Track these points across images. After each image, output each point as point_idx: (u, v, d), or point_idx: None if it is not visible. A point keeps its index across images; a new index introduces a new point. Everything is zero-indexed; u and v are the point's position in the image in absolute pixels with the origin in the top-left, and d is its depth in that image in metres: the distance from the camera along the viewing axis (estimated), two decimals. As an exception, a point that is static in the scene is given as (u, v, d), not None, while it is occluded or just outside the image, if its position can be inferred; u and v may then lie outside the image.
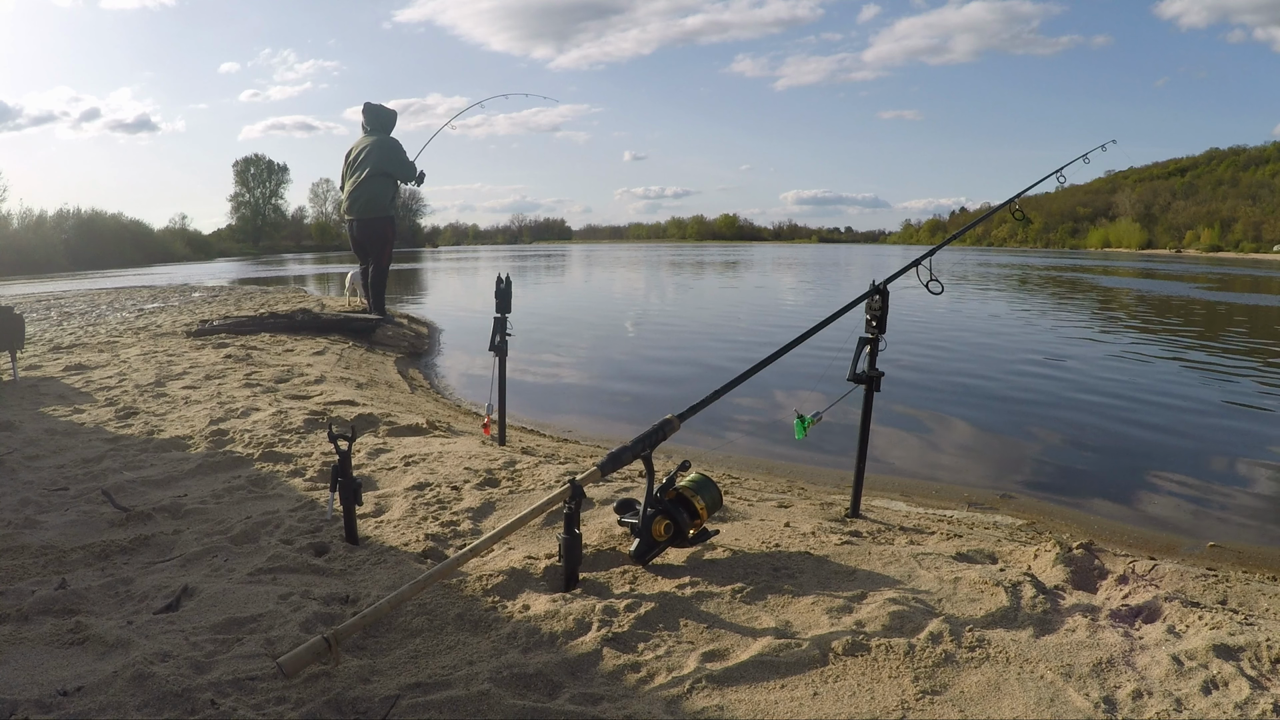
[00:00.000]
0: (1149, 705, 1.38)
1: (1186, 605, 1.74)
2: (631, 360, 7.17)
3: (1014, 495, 3.40)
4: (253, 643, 1.58)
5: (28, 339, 6.00)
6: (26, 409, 3.92)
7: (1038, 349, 7.66)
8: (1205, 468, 3.79)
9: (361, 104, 7.96)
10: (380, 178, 7.64)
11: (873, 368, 2.46)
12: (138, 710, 1.36)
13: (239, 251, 62.23)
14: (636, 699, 1.42)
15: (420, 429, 3.54)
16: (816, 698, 1.42)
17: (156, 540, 2.17)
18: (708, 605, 1.76)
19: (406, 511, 2.41)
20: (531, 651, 1.56)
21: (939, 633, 1.59)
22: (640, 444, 1.96)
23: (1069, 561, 2.00)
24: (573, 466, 2.94)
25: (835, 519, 2.51)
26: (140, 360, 5.43)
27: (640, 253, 52.30)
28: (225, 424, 3.54)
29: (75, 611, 1.73)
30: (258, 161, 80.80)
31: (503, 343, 3.45)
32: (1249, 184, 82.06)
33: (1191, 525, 3.09)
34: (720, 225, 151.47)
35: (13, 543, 2.13)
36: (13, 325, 4.69)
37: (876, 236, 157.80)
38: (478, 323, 9.41)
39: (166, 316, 8.80)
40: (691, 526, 1.99)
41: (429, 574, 1.63)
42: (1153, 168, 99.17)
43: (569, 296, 15.18)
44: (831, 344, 2.59)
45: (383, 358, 6.45)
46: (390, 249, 8.00)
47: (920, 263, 2.61)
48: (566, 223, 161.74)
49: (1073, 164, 3.08)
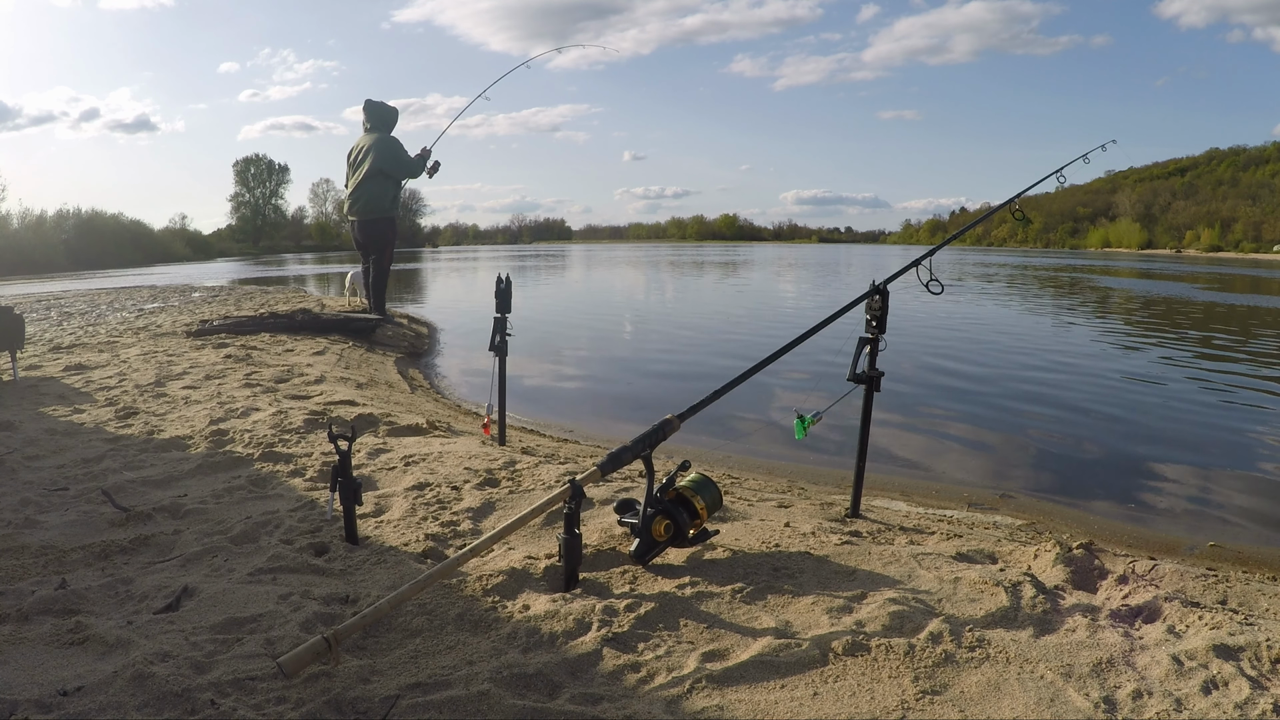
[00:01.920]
0: (1149, 705, 1.38)
1: (1186, 605, 1.74)
2: (631, 360, 7.17)
3: (1014, 495, 3.41)
4: (253, 643, 1.58)
5: (28, 339, 6.00)
6: (26, 409, 3.92)
7: (1038, 349, 7.66)
8: (1205, 468, 3.79)
9: (361, 104, 7.96)
10: (380, 177, 7.62)
11: (873, 368, 2.46)
12: (138, 710, 1.36)
13: (239, 251, 62.21)
14: (636, 699, 1.42)
15: (420, 429, 3.54)
16: (816, 698, 1.42)
17: (156, 540, 2.17)
18: (708, 605, 1.76)
19: (406, 511, 2.41)
20: (531, 651, 1.56)
21: (939, 633, 1.59)
22: (640, 444, 1.97)
23: (1069, 561, 2.00)
24: (573, 466, 2.94)
25: (835, 519, 2.51)
26: (140, 360, 5.43)
27: (640, 253, 52.30)
28: (225, 424, 3.54)
29: (75, 611, 1.73)
30: (258, 161, 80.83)
31: (503, 343, 3.45)
32: (1249, 184, 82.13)
33: (1191, 525, 3.09)
34: (720, 225, 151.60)
35: (13, 543, 2.13)
36: (13, 325, 4.69)
37: (876, 236, 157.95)
38: (478, 323, 9.41)
39: (166, 316, 8.80)
40: (691, 526, 1.99)
41: (429, 574, 1.63)
42: (1153, 168, 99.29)
43: (569, 297, 15.18)
44: (831, 344, 2.59)
45: (383, 358, 6.45)
46: (391, 249, 7.99)
47: (920, 263, 2.61)
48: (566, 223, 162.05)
49: (1073, 164, 3.08)
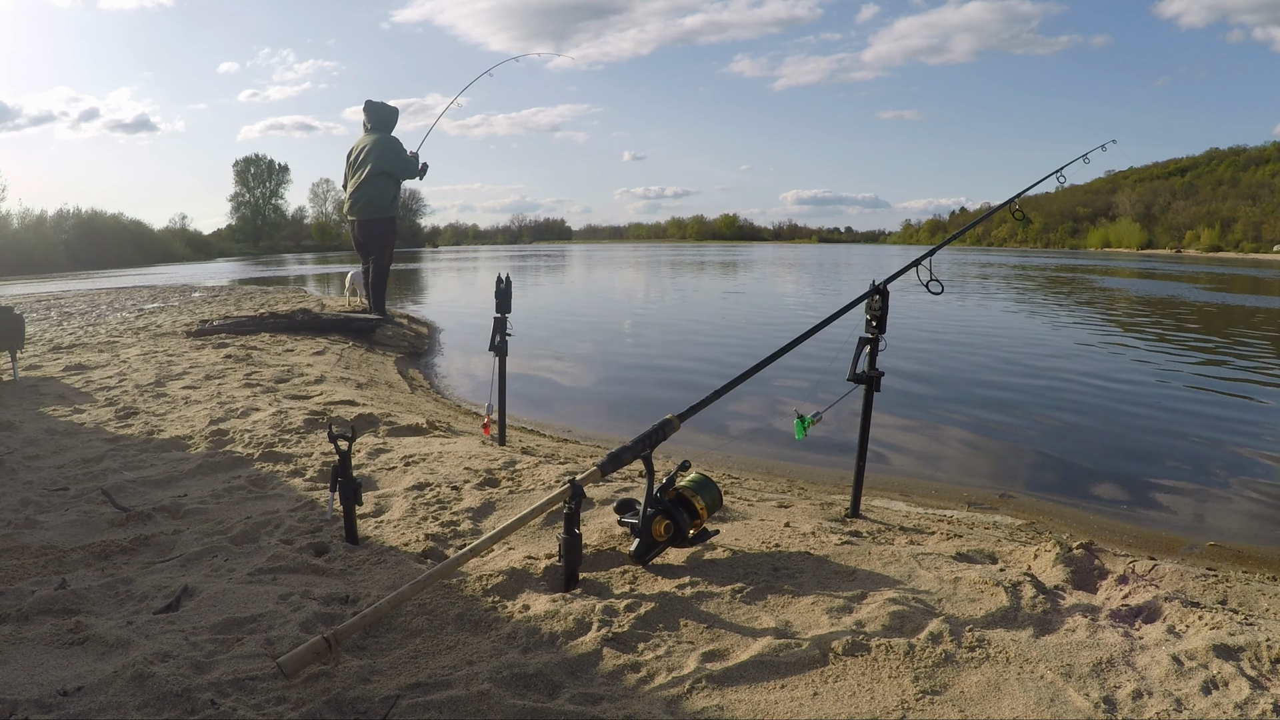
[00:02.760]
0: (1149, 705, 1.38)
1: (1186, 605, 1.74)
2: (631, 360, 7.17)
3: (1014, 495, 3.40)
4: (253, 643, 1.58)
5: (28, 339, 6.00)
6: (26, 409, 3.92)
7: (1037, 349, 7.66)
8: (1205, 468, 3.79)
9: (361, 104, 7.96)
10: (380, 177, 7.63)
11: (873, 368, 2.46)
12: (138, 710, 1.36)
13: (239, 251, 62.20)
14: (636, 699, 1.41)
15: (420, 429, 3.54)
16: (816, 698, 1.42)
17: (156, 540, 2.17)
18: (708, 605, 1.76)
19: (406, 511, 2.41)
20: (531, 651, 1.56)
21: (939, 633, 1.59)
22: (640, 444, 1.97)
23: (1069, 561, 2.00)
24: (573, 466, 2.94)
25: (835, 519, 2.51)
26: (140, 360, 5.43)
27: (640, 253, 52.30)
28: (225, 424, 3.54)
29: (75, 611, 1.73)
30: (258, 162, 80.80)
31: (503, 343, 3.46)
32: (1249, 184, 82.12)
33: (1191, 525, 3.09)
34: (720, 225, 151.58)
35: (13, 543, 2.13)
36: (13, 325, 4.69)
37: (876, 236, 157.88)
38: (478, 323, 9.41)
39: (166, 316, 8.80)
40: (691, 526, 1.99)
41: (429, 574, 1.63)
42: (1153, 168, 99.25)
43: (569, 297, 15.18)
44: (832, 344, 2.59)
45: (383, 358, 6.45)
46: (391, 249, 8.00)
47: (920, 263, 2.61)
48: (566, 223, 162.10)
49: (1073, 164, 3.08)
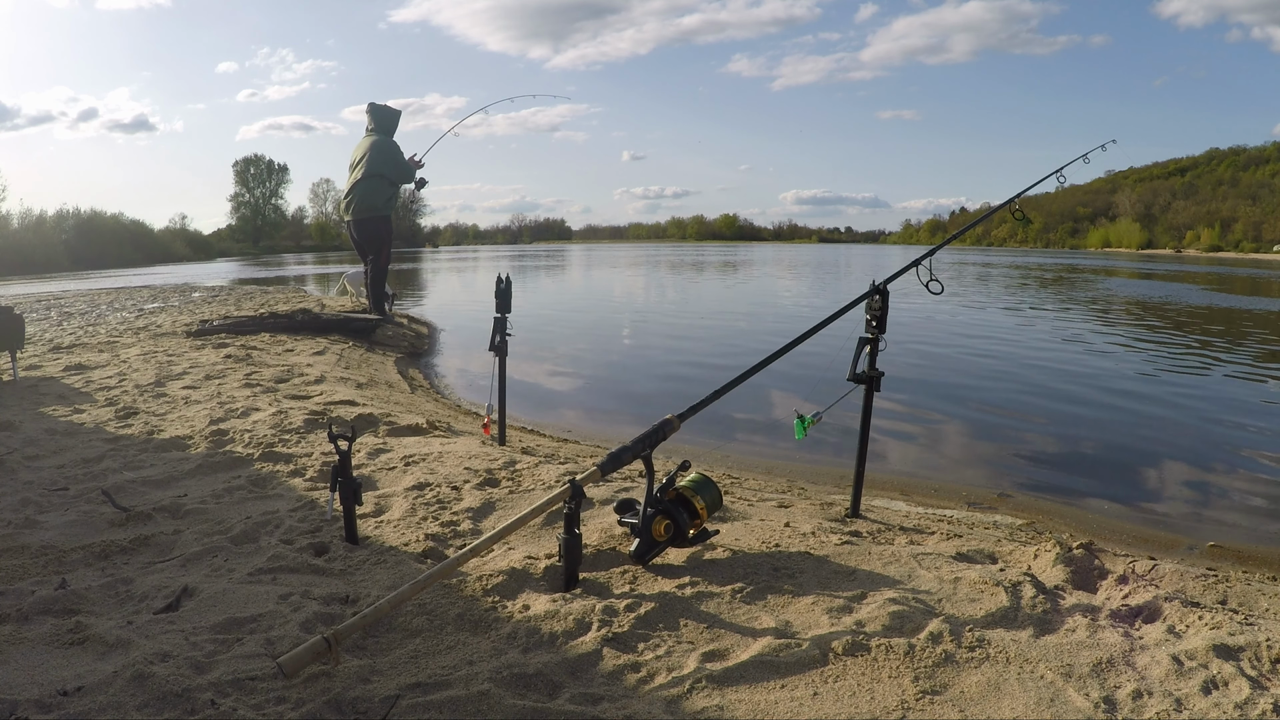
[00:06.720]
0: (1149, 705, 1.38)
1: (1186, 605, 1.74)
2: (631, 360, 7.17)
3: (1013, 495, 3.40)
4: (253, 643, 1.58)
5: (28, 339, 6.00)
6: (26, 409, 3.92)
7: (1037, 349, 7.66)
8: (1205, 468, 3.79)
9: (361, 104, 8.04)
10: (375, 179, 7.73)
11: (873, 368, 2.46)
12: (138, 710, 1.36)
13: (239, 251, 62.14)
14: (636, 699, 1.41)
15: (420, 429, 3.54)
16: (816, 698, 1.42)
17: (156, 540, 2.17)
18: (708, 605, 1.76)
19: (406, 511, 2.41)
20: (531, 651, 1.56)
21: (939, 633, 1.59)
22: (640, 444, 1.97)
23: (1069, 561, 2.00)
24: (573, 466, 2.94)
25: (835, 519, 2.51)
26: (140, 360, 5.43)
27: (640, 253, 52.30)
28: (225, 424, 3.54)
29: (75, 611, 1.73)
30: (258, 162, 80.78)
31: (503, 343, 3.46)
32: (1249, 184, 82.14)
33: (1191, 525, 3.09)
34: (720, 225, 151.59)
35: (13, 543, 2.13)
36: (13, 325, 4.69)
37: (876, 236, 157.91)
38: (478, 323, 9.41)
39: (166, 316, 8.80)
40: (691, 526, 1.99)
41: (429, 574, 1.63)
42: (1153, 168, 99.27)
43: (569, 296, 15.18)
44: (832, 344, 2.59)
45: (383, 358, 6.45)
46: (388, 248, 8.05)
47: (920, 263, 2.61)
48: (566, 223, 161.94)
49: (1073, 164, 3.09)
